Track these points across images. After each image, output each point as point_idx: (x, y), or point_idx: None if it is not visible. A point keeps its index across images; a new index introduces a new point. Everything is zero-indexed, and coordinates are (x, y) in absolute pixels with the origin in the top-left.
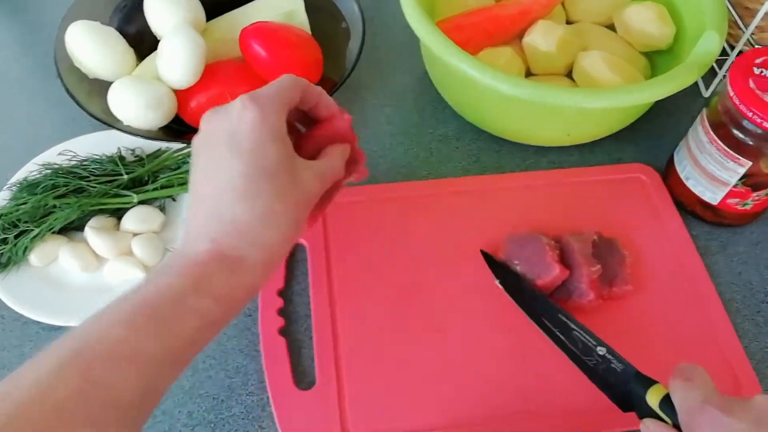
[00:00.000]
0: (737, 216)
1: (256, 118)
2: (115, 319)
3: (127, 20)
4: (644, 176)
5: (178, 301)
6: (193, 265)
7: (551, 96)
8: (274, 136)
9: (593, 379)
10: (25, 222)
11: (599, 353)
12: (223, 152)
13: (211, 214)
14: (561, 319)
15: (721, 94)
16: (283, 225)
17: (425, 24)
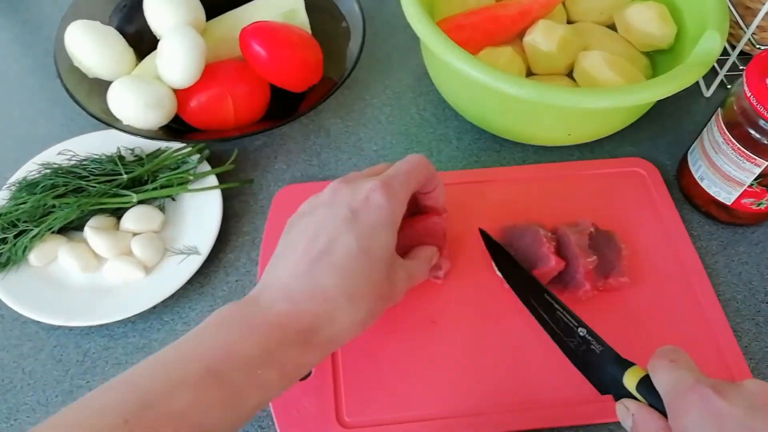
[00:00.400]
0: (751, 216)
1: (383, 206)
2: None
3: (126, 20)
4: (642, 170)
5: (248, 371)
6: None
7: (552, 96)
8: (391, 228)
9: (573, 361)
10: (24, 222)
11: (580, 334)
12: (338, 223)
13: (301, 274)
14: (546, 299)
15: (736, 94)
16: (363, 310)
17: (425, 24)
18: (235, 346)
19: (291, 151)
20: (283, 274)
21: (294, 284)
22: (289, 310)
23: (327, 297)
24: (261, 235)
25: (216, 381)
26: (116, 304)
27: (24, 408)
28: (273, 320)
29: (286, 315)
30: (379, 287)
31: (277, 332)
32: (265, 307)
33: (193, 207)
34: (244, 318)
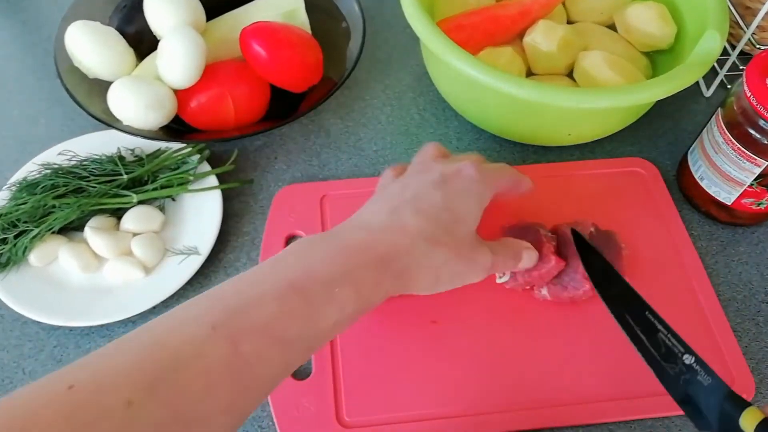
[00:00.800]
0: (752, 216)
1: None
2: (265, 292)
3: (126, 20)
4: (642, 170)
5: (328, 288)
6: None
7: (552, 96)
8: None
9: (669, 388)
10: (24, 222)
11: (685, 362)
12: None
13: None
14: (647, 317)
15: (736, 94)
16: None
17: (425, 24)
18: (315, 265)
19: (291, 152)
20: (364, 214)
21: (374, 219)
22: (368, 238)
23: (405, 232)
24: (261, 235)
25: (298, 295)
26: (116, 305)
27: None
28: (351, 245)
29: (364, 242)
30: (459, 244)
31: (355, 255)
32: (343, 237)
33: (193, 207)
34: (323, 244)
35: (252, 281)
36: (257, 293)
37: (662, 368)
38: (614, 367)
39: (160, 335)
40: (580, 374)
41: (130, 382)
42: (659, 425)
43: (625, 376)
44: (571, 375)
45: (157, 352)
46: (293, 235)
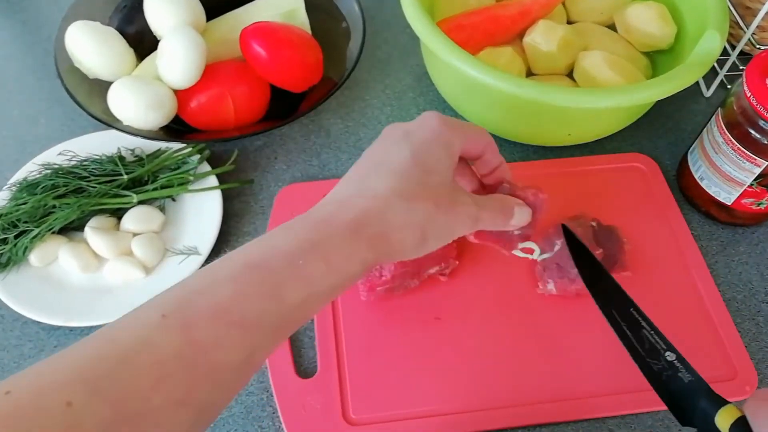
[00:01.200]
0: (751, 216)
1: (436, 127)
2: (223, 275)
3: (127, 20)
4: (642, 165)
5: (290, 261)
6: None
7: (552, 96)
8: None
9: (652, 383)
10: (24, 222)
11: (667, 358)
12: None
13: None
14: (632, 314)
15: (736, 94)
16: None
17: (425, 24)
18: (277, 243)
19: (291, 152)
20: (334, 191)
21: (342, 191)
22: (335, 209)
23: (376, 194)
24: (261, 235)
25: (257, 272)
26: (116, 305)
27: None
28: (318, 217)
29: (330, 213)
30: (436, 194)
31: (322, 227)
32: (309, 214)
33: (194, 207)
34: (287, 224)
35: (211, 268)
36: (212, 277)
37: (646, 364)
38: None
39: (111, 331)
40: (587, 368)
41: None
42: (659, 425)
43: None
44: (577, 369)
45: (105, 348)
46: None
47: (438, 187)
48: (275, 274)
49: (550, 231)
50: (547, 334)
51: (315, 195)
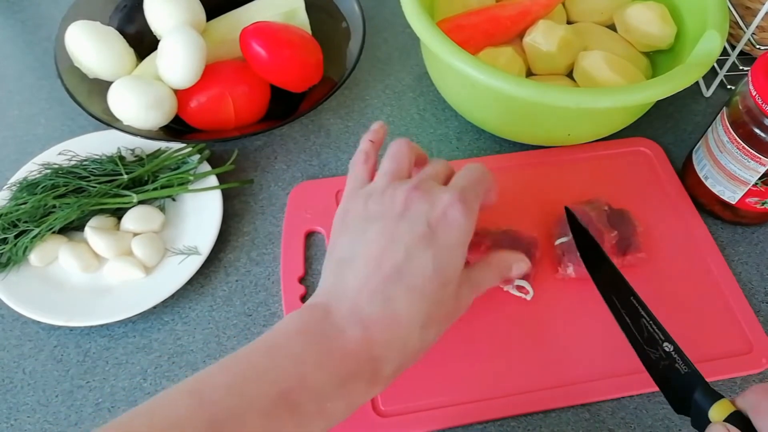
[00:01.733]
0: (756, 215)
1: (462, 224)
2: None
3: (127, 20)
4: (647, 149)
5: (319, 402)
6: (341, 357)
7: (552, 96)
8: (465, 246)
9: (650, 371)
10: (24, 222)
11: (665, 349)
12: (416, 240)
13: (373, 294)
14: (632, 302)
15: (742, 93)
16: (433, 334)
17: (425, 24)
18: (309, 372)
19: (291, 152)
20: (353, 286)
21: (366, 307)
22: (362, 337)
23: (401, 324)
24: (261, 235)
25: (288, 409)
26: (116, 304)
27: (24, 408)
28: (347, 348)
29: (358, 342)
30: (447, 308)
31: (349, 362)
32: (337, 329)
33: (194, 207)
34: (318, 338)
35: (241, 379)
36: (244, 403)
37: (645, 351)
38: None
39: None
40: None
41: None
42: (659, 425)
43: None
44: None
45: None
46: (312, 231)
47: (450, 299)
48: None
49: (564, 216)
50: (567, 318)
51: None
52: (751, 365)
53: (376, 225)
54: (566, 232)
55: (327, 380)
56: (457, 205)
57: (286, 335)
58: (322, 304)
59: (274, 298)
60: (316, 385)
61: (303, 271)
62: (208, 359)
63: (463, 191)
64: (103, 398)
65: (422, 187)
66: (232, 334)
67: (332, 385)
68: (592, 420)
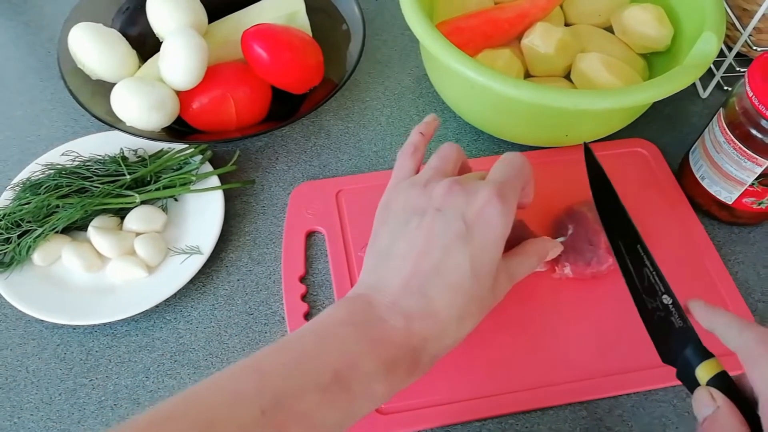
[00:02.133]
0: (753, 215)
1: (498, 222)
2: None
3: (129, 22)
4: (644, 150)
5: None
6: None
7: (550, 97)
8: (502, 241)
9: (645, 320)
10: (28, 222)
11: (663, 301)
12: (453, 238)
13: (413, 290)
14: (638, 250)
15: (738, 94)
16: (468, 327)
17: (425, 26)
18: (358, 358)
19: (292, 152)
20: (394, 283)
21: (407, 300)
22: (404, 328)
23: (439, 318)
24: (262, 235)
25: (340, 388)
26: (119, 303)
27: (28, 406)
28: (391, 337)
29: (400, 333)
30: (484, 301)
31: (393, 350)
32: (381, 319)
33: (196, 207)
34: (364, 328)
35: (298, 360)
36: (304, 380)
37: (642, 300)
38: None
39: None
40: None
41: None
42: (656, 422)
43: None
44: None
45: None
46: (313, 231)
47: (486, 293)
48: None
49: (562, 215)
50: (564, 317)
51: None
52: None
53: (415, 219)
54: (563, 232)
55: (374, 365)
56: (494, 201)
57: (335, 323)
58: (365, 296)
59: (275, 297)
60: (364, 369)
61: (304, 271)
62: (210, 357)
63: (500, 186)
64: (106, 396)
65: (462, 182)
66: (234, 333)
67: (378, 369)
68: (590, 417)
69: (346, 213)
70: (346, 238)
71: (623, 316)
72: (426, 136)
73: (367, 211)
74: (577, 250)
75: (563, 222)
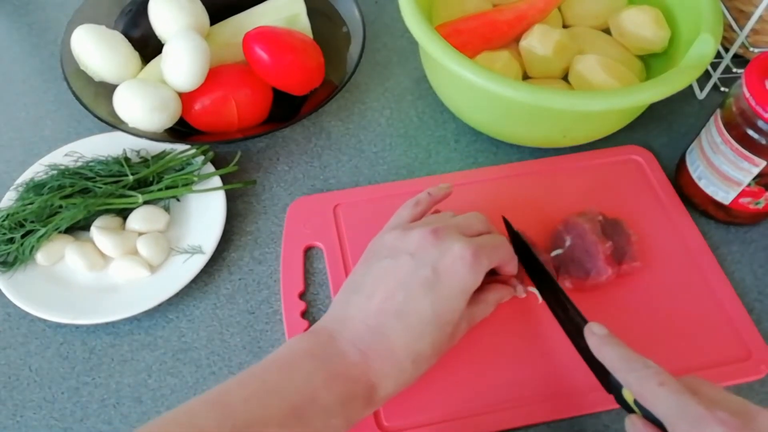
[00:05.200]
0: (749, 215)
1: (465, 278)
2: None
3: (132, 24)
4: (639, 157)
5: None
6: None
7: (548, 99)
8: (466, 295)
9: (585, 359)
10: (31, 222)
11: None
12: (418, 284)
13: (375, 328)
14: (560, 298)
15: (735, 95)
16: (422, 369)
17: (424, 28)
18: (317, 392)
19: (293, 153)
20: (357, 317)
21: (368, 336)
22: (362, 364)
23: (395, 358)
24: (264, 234)
25: (299, 422)
26: (122, 302)
27: (30, 405)
28: (349, 372)
29: (358, 368)
30: (440, 347)
31: (350, 384)
32: (341, 353)
33: (198, 207)
34: (324, 361)
35: (259, 394)
36: (262, 414)
37: (576, 340)
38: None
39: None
40: None
41: None
42: None
43: None
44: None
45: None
46: (311, 246)
47: (444, 340)
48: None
49: (560, 227)
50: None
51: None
52: (751, 372)
53: (388, 260)
54: (561, 245)
55: (333, 399)
56: (467, 258)
57: (298, 355)
58: (327, 330)
59: (276, 296)
60: (323, 403)
61: (303, 287)
62: (212, 356)
63: (478, 248)
64: (109, 395)
65: (440, 232)
66: (236, 332)
67: (336, 403)
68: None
69: (344, 227)
70: (344, 253)
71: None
72: (433, 197)
73: (365, 225)
74: (576, 261)
75: (560, 234)
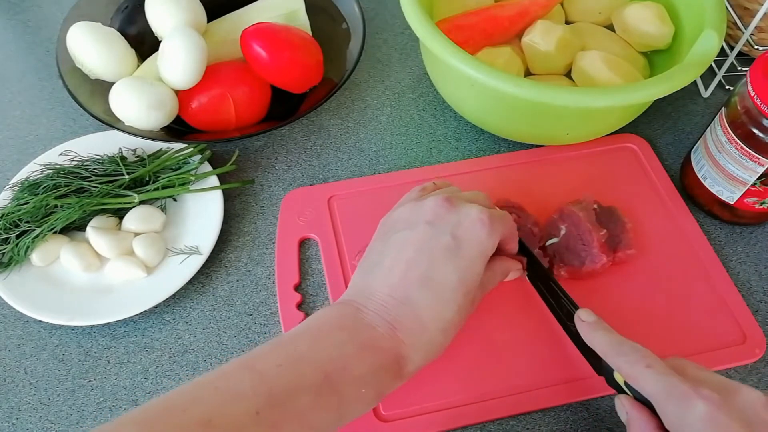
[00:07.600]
0: (755, 215)
1: (483, 240)
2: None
3: (128, 21)
4: (634, 145)
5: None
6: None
7: (550, 95)
8: (486, 259)
9: (576, 343)
10: (26, 222)
11: None
12: (440, 251)
13: (401, 298)
14: (551, 285)
15: (740, 94)
16: (450, 337)
17: (425, 24)
18: (349, 362)
19: (291, 152)
20: (382, 290)
21: (394, 307)
22: (391, 336)
23: (424, 328)
24: (262, 235)
25: (332, 390)
26: (118, 304)
27: (26, 407)
28: (379, 343)
29: (387, 340)
30: (465, 312)
31: (380, 356)
32: (369, 326)
33: (195, 207)
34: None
35: (292, 361)
36: (297, 381)
37: (566, 325)
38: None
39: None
40: None
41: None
42: None
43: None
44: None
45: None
46: (306, 238)
47: (468, 305)
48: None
49: (555, 216)
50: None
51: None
52: (745, 355)
53: (405, 231)
54: (556, 233)
55: (364, 369)
56: (485, 221)
57: (327, 326)
58: (353, 302)
59: (275, 298)
60: (355, 373)
61: (298, 279)
62: (209, 358)
63: (491, 214)
64: (105, 397)
65: (453, 200)
66: (233, 334)
67: (368, 374)
68: (591, 419)
69: (339, 219)
70: (339, 244)
71: (623, 313)
72: (438, 183)
73: (360, 217)
74: (571, 250)
75: (555, 223)
